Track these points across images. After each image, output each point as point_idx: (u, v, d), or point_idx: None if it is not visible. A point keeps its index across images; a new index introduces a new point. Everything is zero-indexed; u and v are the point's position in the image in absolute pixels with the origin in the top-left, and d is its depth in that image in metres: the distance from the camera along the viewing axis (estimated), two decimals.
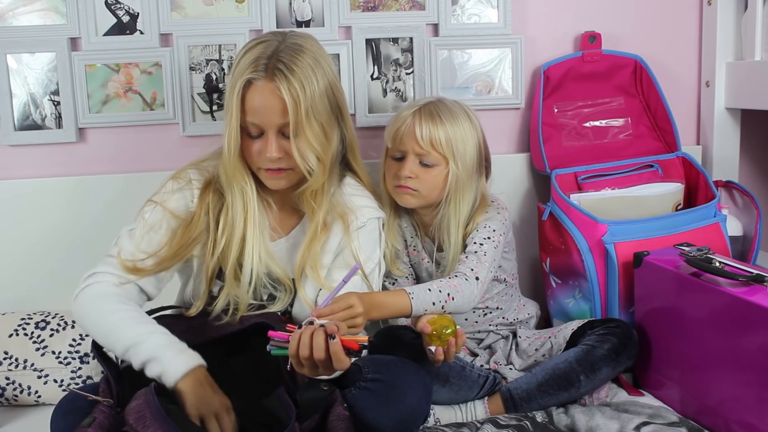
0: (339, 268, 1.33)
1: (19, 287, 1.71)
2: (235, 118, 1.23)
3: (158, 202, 1.30)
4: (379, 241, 1.40)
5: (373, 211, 1.39)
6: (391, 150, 1.50)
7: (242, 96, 1.22)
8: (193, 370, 1.15)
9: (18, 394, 1.53)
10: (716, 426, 1.32)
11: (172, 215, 1.29)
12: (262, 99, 1.22)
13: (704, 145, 1.89)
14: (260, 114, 1.23)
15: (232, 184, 1.29)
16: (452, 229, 1.49)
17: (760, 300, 1.21)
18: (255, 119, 1.23)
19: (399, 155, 1.49)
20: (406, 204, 1.51)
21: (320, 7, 1.74)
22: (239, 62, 1.25)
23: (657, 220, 1.61)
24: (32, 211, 1.70)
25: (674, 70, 1.88)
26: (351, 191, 1.39)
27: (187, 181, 1.32)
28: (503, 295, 1.57)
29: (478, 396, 1.43)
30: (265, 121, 1.23)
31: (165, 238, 1.29)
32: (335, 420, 1.15)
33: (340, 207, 1.35)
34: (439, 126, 1.45)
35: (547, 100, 1.80)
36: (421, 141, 1.44)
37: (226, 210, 1.30)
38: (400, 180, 1.47)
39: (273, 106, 1.22)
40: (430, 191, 1.48)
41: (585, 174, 1.73)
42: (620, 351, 1.41)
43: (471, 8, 1.78)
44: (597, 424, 1.30)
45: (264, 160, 1.26)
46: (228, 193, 1.30)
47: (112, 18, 1.70)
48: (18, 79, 1.69)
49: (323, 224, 1.32)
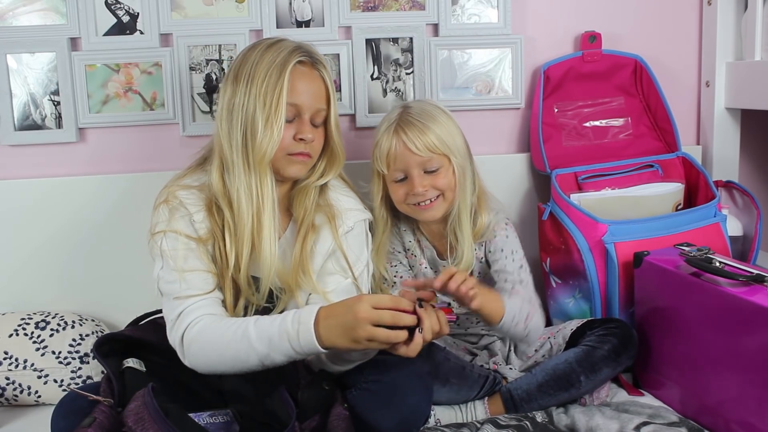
0: (331, 274, 1.33)
1: (19, 287, 1.71)
2: (282, 103, 1.25)
3: (165, 230, 1.27)
4: (366, 242, 1.40)
5: (359, 214, 1.39)
6: (390, 174, 1.47)
7: (291, 79, 1.26)
8: (316, 320, 1.12)
9: (18, 394, 1.53)
10: (716, 426, 1.32)
11: (185, 236, 1.27)
12: (308, 81, 1.29)
13: (704, 145, 1.89)
14: (304, 96, 1.29)
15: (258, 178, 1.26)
16: (463, 217, 1.48)
17: (760, 300, 1.21)
18: (298, 100, 1.28)
19: (401, 176, 1.47)
20: (431, 218, 1.49)
21: (320, 7, 1.74)
22: (272, 54, 1.27)
23: (657, 220, 1.61)
24: (32, 211, 1.70)
25: (674, 70, 1.88)
26: (337, 192, 1.39)
27: (178, 202, 1.29)
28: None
29: (478, 396, 1.42)
30: (307, 103, 1.29)
31: (191, 254, 1.27)
32: (336, 420, 1.15)
33: (328, 209, 1.35)
34: (426, 130, 1.44)
35: (547, 100, 1.80)
36: (418, 152, 1.43)
37: (230, 222, 1.28)
38: (417, 198, 1.46)
39: (317, 89, 1.30)
40: (449, 192, 1.47)
41: (585, 174, 1.73)
42: (620, 351, 1.41)
43: (471, 8, 1.78)
44: (597, 424, 1.30)
45: (297, 143, 1.29)
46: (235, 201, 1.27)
47: (112, 18, 1.70)
48: (18, 79, 1.69)
49: (312, 225, 1.33)
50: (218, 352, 1.18)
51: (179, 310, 1.22)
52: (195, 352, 1.19)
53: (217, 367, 1.19)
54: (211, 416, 1.21)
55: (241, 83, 1.26)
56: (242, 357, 1.16)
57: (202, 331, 1.19)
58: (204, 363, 1.20)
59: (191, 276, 1.24)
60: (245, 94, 1.25)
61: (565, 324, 1.53)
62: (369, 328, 1.07)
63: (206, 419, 1.20)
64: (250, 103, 1.25)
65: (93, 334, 1.60)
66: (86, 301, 1.71)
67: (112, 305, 1.72)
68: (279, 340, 1.13)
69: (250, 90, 1.25)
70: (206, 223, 1.28)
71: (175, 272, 1.24)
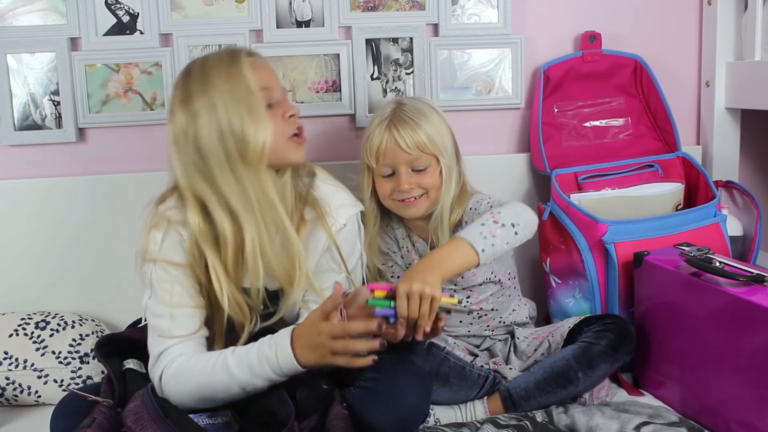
0: (326, 272, 1.33)
1: (19, 287, 1.71)
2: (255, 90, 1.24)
3: (156, 259, 1.26)
4: (359, 235, 1.39)
5: (351, 209, 1.37)
6: (378, 169, 1.48)
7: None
8: (291, 342, 1.15)
9: (18, 394, 1.53)
10: (716, 426, 1.32)
11: (175, 265, 1.26)
12: (262, 65, 1.29)
13: (704, 145, 1.89)
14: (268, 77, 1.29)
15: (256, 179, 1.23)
16: (444, 216, 1.49)
17: (760, 300, 1.20)
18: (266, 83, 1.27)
19: (389, 171, 1.48)
20: (413, 215, 1.50)
21: (320, 7, 1.74)
22: (215, 60, 1.26)
23: (657, 220, 1.61)
24: (32, 211, 1.70)
25: (674, 70, 1.88)
26: (325, 183, 1.37)
27: (167, 222, 1.28)
28: (498, 297, 1.56)
29: (478, 396, 1.42)
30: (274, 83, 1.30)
31: (179, 289, 1.26)
32: (334, 419, 1.15)
33: (317, 205, 1.33)
34: (417, 129, 1.44)
35: (547, 100, 1.80)
36: (408, 150, 1.44)
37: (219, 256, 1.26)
38: (402, 194, 1.47)
39: (274, 73, 1.32)
40: (433, 191, 1.48)
41: (585, 174, 1.73)
42: (617, 347, 1.41)
43: (471, 8, 1.78)
44: (597, 424, 1.30)
45: (289, 121, 1.29)
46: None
47: (112, 18, 1.70)
48: (18, 79, 1.70)
49: (302, 218, 1.32)
50: (200, 385, 1.18)
51: (161, 348, 1.22)
52: (172, 388, 1.20)
53: (197, 400, 1.19)
54: (210, 417, 1.21)
55: (196, 101, 1.21)
56: (224, 387, 1.17)
57: (180, 368, 1.20)
58: (184, 396, 1.20)
59: (178, 313, 1.24)
60: (208, 107, 1.20)
61: (562, 322, 1.53)
62: (334, 343, 1.11)
63: (205, 420, 1.20)
64: (219, 111, 1.20)
65: (93, 334, 1.60)
66: (86, 301, 1.71)
67: (112, 305, 1.72)
68: (259, 366, 1.15)
69: (213, 100, 1.20)
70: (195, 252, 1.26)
71: (162, 306, 1.24)
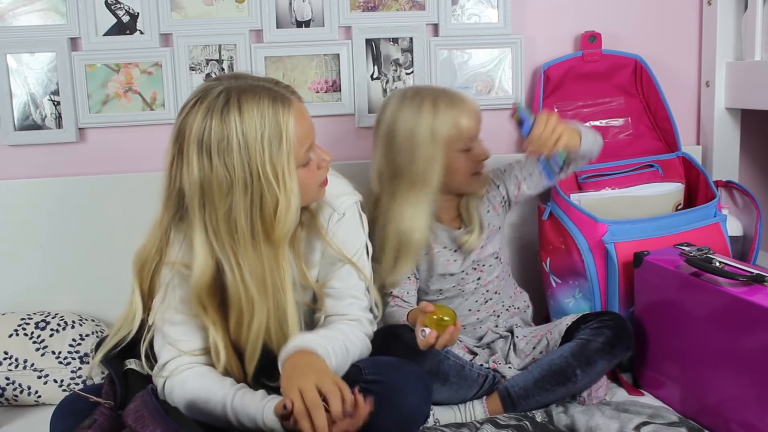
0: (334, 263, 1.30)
1: (19, 287, 1.71)
2: (292, 162, 1.16)
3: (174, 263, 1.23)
4: (361, 224, 1.35)
5: (350, 197, 1.33)
6: (460, 144, 1.45)
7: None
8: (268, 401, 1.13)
9: (18, 394, 1.53)
10: (716, 426, 1.32)
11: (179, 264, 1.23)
12: (302, 116, 1.19)
13: (704, 145, 1.89)
14: (308, 132, 1.20)
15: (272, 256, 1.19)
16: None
17: (760, 300, 1.21)
18: (307, 141, 1.20)
19: (467, 146, 1.48)
20: (484, 186, 1.55)
21: (320, 7, 1.73)
22: (254, 108, 1.13)
23: (657, 220, 1.61)
24: (32, 211, 1.70)
25: (674, 70, 1.88)
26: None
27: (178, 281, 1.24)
28: (501, 279, 1.58)
29: (477, 395, 1.42)
30: (311, 135, 1.22)
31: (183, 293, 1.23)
32: None
33: (314, 215, 1.29)
34: (466, 97, 1.49)
35: (547, 100, 1.80)
36: (480, 118, 1.49)
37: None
38: (482, 165, 1.51)
39: (309, 119, 1.23)
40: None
41: (585, 174, 1.74)
42: (615, 343, 1.41)
43: (471, 8, 1.78)
44: (597, 424, 1.31)
45: (320, 171, 1.26)
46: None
47: (112, 18, 1.70)
48: (18, 79, 1.69)
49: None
50: (199, 410, 1.17)
51: (169, 356, 1.21)
52: (175, 397, 1.19)
53: (196, 415, 1.18)
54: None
55: (237, 166, 1.12)
56: (223, 419, 1.16)
57: (185, 381, 1.19)
58: (183, 408, 1.19)
59: (191, 323, 1.22)
60: (238, 165, 1.12)
61: (560, 320, 1.53)
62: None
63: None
64: (246, 175, 1.12)
65: (93, 334, 1.60)
66: (86, 301, 1.71)
67: (112, 305, 1.70)
68: (253, 421, 1.13)
69: (253, 167, 1.12)
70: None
71: (176, 314, 1.22)
